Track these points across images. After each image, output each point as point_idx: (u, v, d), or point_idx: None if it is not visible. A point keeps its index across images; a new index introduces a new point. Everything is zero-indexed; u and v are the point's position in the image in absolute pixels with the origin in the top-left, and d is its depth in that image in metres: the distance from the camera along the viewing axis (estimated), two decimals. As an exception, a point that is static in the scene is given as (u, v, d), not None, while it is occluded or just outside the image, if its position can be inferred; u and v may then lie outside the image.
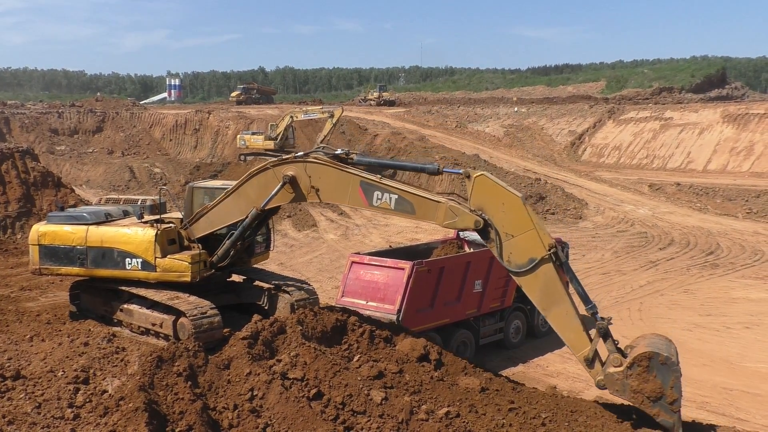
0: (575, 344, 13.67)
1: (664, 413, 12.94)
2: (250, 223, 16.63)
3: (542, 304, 13.71)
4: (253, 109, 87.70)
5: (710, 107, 64.54)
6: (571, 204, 44.90)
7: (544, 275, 13.52)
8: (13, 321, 18.99)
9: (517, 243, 13.60)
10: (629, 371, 13.07)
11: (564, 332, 13.73)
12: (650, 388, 12.91)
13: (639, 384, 12.99)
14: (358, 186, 14.71)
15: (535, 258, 13.45)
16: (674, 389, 12.93)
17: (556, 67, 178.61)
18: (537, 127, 70.62)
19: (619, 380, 13.18)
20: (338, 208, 44.03)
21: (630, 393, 13.11)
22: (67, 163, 63.42)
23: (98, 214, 18.82)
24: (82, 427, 11.70)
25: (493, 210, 13.70)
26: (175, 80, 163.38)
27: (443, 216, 14.01)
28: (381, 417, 12.54)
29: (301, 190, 15.44)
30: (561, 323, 13.68)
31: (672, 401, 12.91)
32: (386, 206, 14.53)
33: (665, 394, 12.91)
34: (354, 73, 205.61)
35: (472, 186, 13.79)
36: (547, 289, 13.57)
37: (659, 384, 12.91)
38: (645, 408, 13.09)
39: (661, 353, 13.04)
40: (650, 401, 12.95)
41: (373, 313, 17.60)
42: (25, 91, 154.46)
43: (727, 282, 29.26)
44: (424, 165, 15.37)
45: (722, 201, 45.25)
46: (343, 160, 15.26)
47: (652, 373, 12.94)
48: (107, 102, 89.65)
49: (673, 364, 13.07)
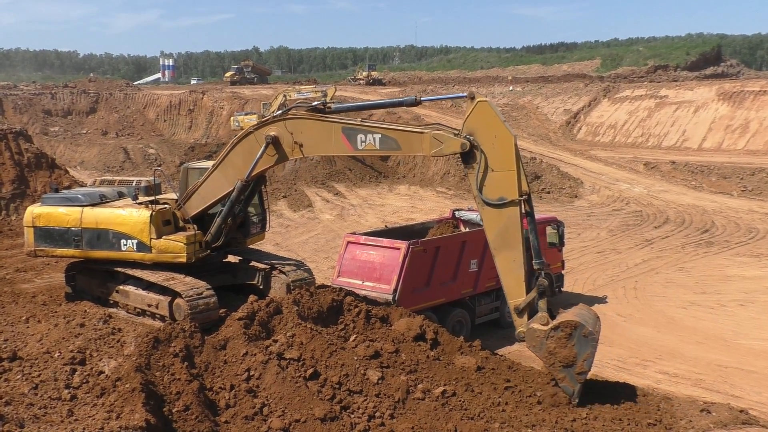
0: (511, 291, 13.85)
1: (569, 380, 13.32)
2: (238, 196, 16.63)
3: (495, 243, 13.80)
4: (247, 89, 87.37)
5: (705, 85, 64.38)
6: (567, 183, 44.91)
7: (508, 217, 13.58)
8: (8, 302, 18.97)
9: (494, 178, 13.58)
10: (552, 333, 13.39)
11: (505, 277, 13.89)
12: (564, 355, 13.26)
13: (556, 347, 13.33)
14: (340, 133, 14.74)
15: (505, 198, 13.48)
16: (586, 363, 13.27)
17: (551, 46, 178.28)
18: (532, 106, 70.44)
19: (539, 338, 13.51)
20: (334, 188, 44.00)
21: (545, 353, 13.45)
22: (61, 144, 63.26)
23: (93, 196, 18.74)
24: (79, 407, 11.71)
25: (483, 139, 13.61)
26: (168, 60, 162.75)
27: (428, 145, 13.97)
28: (377, 396, 12.60)
29: (284, 149, 15.48)
30: (506, 267, 13.82)
31: (580, 372, 13.27)
32: (371, 147, 14.55)
33: (576, 364, 13.26)
34: (348, 52, 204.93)
35: (471, 109, 13.67)
36: (506, 230, 13.63)
37: (574, 353, 13.24)
38: (553, 370, 13.46)
39: (586, 326, 13.32)
40: (561, 366, 13.33)
41: (369, 293, 17.65)
42: (18, 72, 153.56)
43: (722, 260, 29.36)
44: (402, 99, 15.35)
45: (717, 179, 45.28)
46: (321, 111, 15.31)
47: (572, 341, 13.27)
48: (101, 83, 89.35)
49: (593, 340, 13.40)
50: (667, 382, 17.26)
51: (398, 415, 12.33)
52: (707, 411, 13.87)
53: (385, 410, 12.35)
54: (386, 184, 46.81)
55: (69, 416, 11.30)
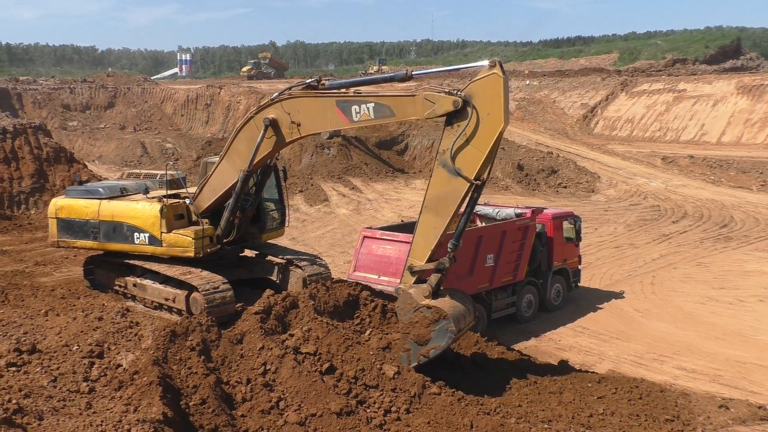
0: (416, 253, 13.69)
1: (411, 355, 13.41)
2: (242, 187, 16.64)
3: (429, 203, 13.53)
4: (264, 83, 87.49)
5: (724, 78, 63.79)
6: (584, 177, 44.68)
7: (453, 189, 13.27)
8: (28, 296, 19.15)
9: (464, 149, 13.22)
10: (421, 309, 13.41)
11: (419, 236, 13.70)
12: (419, 334, 13.31)
13: (416, 323, 13.37)
14: (335, 107, 14.63)
15: (461, 172, 13.12)
16: (432, 351, 13.30)
17: (568, 40, 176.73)
18: (549, 100, 70.13)
19: (408, 305, 13.55)
20: (350, 183, 44.01)
21: (406, 321, 13.52)
22: (80, 138, 63.65)
23: (113, 189, 18.97)
24: (98, 400, 11.79)
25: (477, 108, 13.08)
26: (186, 55, 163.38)
27: (422, 107, 13.67)
28: (393, 391, 12.60)
29: (282, 131, 15.48)
30: (424, 229, 13.61)
31: (423, 354, 13.32)
32: (366, 117, 14.37)
33: (424, 346, 13.31)
34: (365, 47, 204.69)
35: (483, 76, 13.12)
36: (445, 198, 13.36)
37: (429, 338, 13.27)
38: (402, 340, 13.55)
39: (452, 323, 13.29)
40: (411, 340, 13.39)
41: (386, 287, 17.63)
42: (37, 67, 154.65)
43: (741, 255, 29.12)
44: (393, 74, 15.19)
45: (736, 173, 44.88)
46: (314, 88, 15.29)
47: (433, 328, 13.27)
48: (118, 77, 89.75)
49: (451, 338, 13.38)
50: (685, 378, 17.16)
51: (414, 409, 12.32)
52: (726, 407, 13.80)
53: (401, 405, 12.35)
54: (402, 178, 46.76)
55: (87, 409, 11.38)
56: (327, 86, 15.26)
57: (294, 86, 15.95)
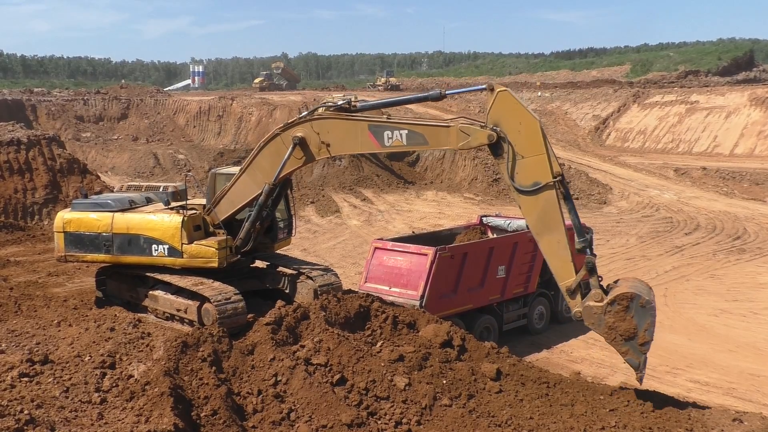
0: (560, 273, 13.73)
1: (633, 353, 13.24)
2: (266, 200, 16.66)
3: (536, 228, 13.70)
4: (276, 95, 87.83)
5: (737, 90, 63.58)
6: (596, 189, 44.57)
7: (545, 201, 13.45)
8: (41, 306, 19.20)
9: (525, 164, 13.47)
10: (608, 308, 13.25)
11: (552, 260, 13.78)
12: (625, 327, 13.14)
13: (615, 321, 13.20)
14: (367, 130, 14.68)
15: (539, 182, 13.35)
16: (647, 332, 13.15)
17: (579, 51, 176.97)
18: (561, 111, 70.10)
19: (596, 314, 13.36)
20: (361, 194, 44.07)
21: (605, 328, 13.32)
22: (93, 149, 64.04)
23: (122, 201, 18.90)
24: (109, 411, 11.82)
25: (509, 128, 13.51)
26: (198, 67, 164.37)
27: (456, 138, 13.88)
28: (404, 402, 12.57)
29: (311, 149, 15.46)
30: (551, 250, 13.71)
31: (643, 343, 13.16)
32: (399, 144, 14.47)
33: (638, 335, 13.16)
34: (377, 58, 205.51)
35: (493, 100, 13.63)
36: (545, 214, 13.52)
37: (634, 325, 13.12)
38: (616, 345, 13.36)
39: (642, 296, 13.19)
40: (622, 339, 13.21)
41: (397, 299, 17.63)
42: (52, 79, 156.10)
43: (754, 267, 28.94)
44: (427, 93, 15.28)
45: (749, 185, 44.65)
46: (346, 110, 15.29)
47: (630, 313, 13.13)
48: (132, 89, 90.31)
49: (651, 309, 13.24)
50: (698, 391, 17.04)
51: (425, 421, 12.29)
52: (739, 420, 13.66)
53: (412, 416, 12.32)
54: (414, 189, 46.79)
55: (99, 419, 11.41)
56: (359, 108, 15.30)
57: (323, 105, 15.95)
